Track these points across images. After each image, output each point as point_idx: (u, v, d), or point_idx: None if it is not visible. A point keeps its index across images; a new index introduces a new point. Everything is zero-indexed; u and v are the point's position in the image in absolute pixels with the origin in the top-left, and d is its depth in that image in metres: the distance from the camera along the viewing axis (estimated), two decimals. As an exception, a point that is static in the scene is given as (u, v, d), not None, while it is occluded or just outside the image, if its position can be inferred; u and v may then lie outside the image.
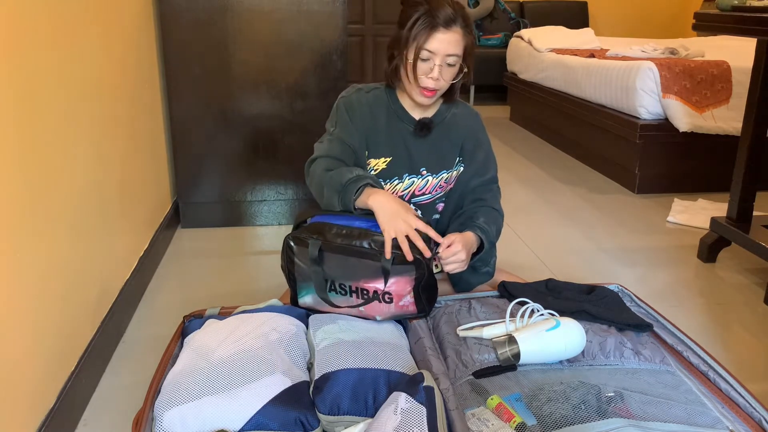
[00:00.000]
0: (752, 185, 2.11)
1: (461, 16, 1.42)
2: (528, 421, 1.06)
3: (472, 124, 1.62)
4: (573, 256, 2.27)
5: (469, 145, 1.61)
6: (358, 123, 1.54)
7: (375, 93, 1.57)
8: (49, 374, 1.25)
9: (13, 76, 1.14)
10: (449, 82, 1.47)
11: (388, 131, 1.55)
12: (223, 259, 2.22)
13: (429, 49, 1.41)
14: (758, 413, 1.08)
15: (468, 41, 1.45)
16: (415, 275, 1.31)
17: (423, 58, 1.42)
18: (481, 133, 1.64)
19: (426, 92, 1.46)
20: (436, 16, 1.39)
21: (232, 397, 1.09)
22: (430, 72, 1.43)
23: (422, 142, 1.56)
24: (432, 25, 1.40)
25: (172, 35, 2.28)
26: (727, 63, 3.01)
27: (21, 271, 1.14)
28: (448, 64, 1.43)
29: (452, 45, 1.41)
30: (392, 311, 1.36)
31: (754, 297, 1.97)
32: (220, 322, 1.33)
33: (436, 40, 1.40)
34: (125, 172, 1.84)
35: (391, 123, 1.55)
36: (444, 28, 1.40)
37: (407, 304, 1.35)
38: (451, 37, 1.41)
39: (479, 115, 1.67)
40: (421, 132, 1.55)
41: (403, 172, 1.57)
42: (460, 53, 1.43)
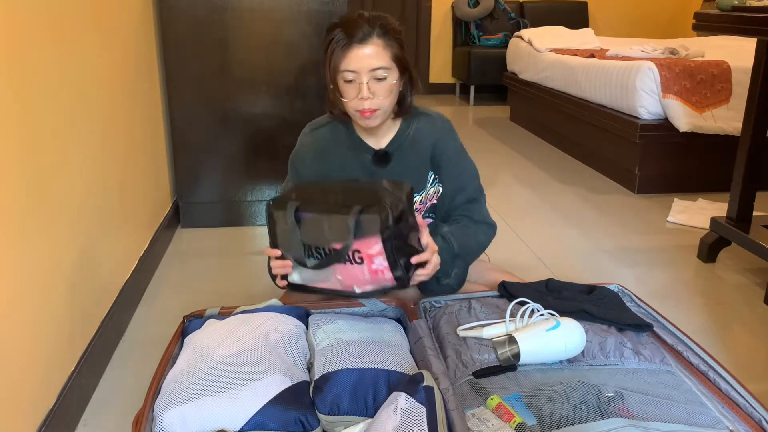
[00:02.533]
0: (752, 185, 2.11)
1: (379, 26, 1.33)
2: (528, 421, 1.06)
3: (436, 136, 1.53)
4: (573, 256, 2.27)
5: (438, 159, 1.53)
6: (306, 174, 1.50)
7: (329, 128, 1.51)
8: (49, 374, 1.25)
9: (13, 76, 1.14)
10: (387, 98, 1.37)
11: (345, 167, 1.49)
12: (223, 259, 2.22)
13: (349, 69, 1.33)
14: (758, 413, 1.08)
15: (393, 50, 1.35)
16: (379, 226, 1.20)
17: (347, 79, 1.34)
18: (449, 143, 1.54)
19: (364, 114, 1.36)
20: (349, 35, 1.31)
21: (232, 397, 1.09)
22: (359, 92, 1.34)
23: (386, 169, 1.50)
24: (346, 44, 1.32)
25: (172, 35, 2.28)
26: (727, 63, 3.01)
27: (21, 272, 1.14)
28: (376, 79, 1.34)
29: (373, 58, 1.32)
30: (367, 277, 1.27)
31: (754, 297, 1.97)
32: (220, 322, 1.33)
33: (353, 58, 1.32)
34: (125, 172, 1.84)
35: (350, 156, 1.49)
36: (359, 44, 1.31)
37: (381, 268, 1.24)
38: (370, 50, 1.32)
39: (447, 122, 1.57)
40: (380, 164, 1.49)
41: None
42: (387, 64, 1.34)
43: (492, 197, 2.93)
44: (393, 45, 1.35)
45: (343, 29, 1.32)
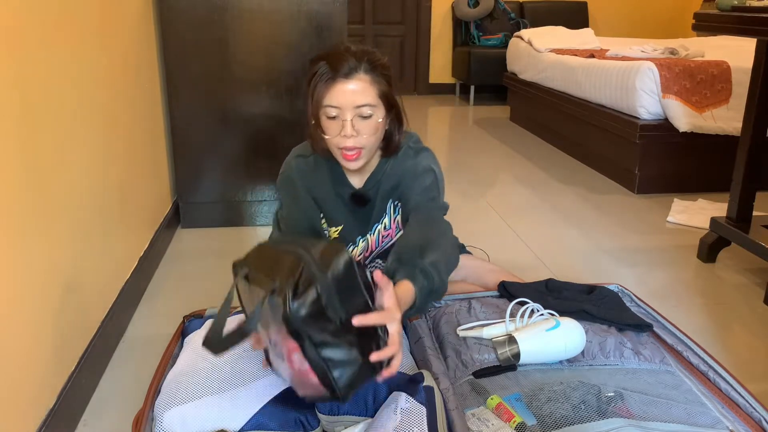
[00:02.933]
0: (752, 185, 2.11)
1: (366, 60, 1.26)
2: (528, 421, 1.06)
3: (410, 166, 1.41)
4: (573, 256, 2.27)
5: (404, 183, 1.41)
6: (303, 198, 1.43)
7: (314, 158, 1.44)
8: (49, 374, 1.25)
9: (13, 76, 1.14)
10: (372, 136, 1.29)
11: (333, 198, 1.45)
12: (223, 259, 2.22)
13: (332, 105, 1.25)
14: (758, 413, 1.08)
15: (380, 87, 1.27)
16: (281, 314, 0.89)
17: (329, 115, 1.27)
18: (420, 168, 1.41)
19: (346, 154, 1.29)
20: (334, 69, 1.24)
21: (232, 397, 1.09)
22: (342, 129, 1.26)
23: (365, 207, 1.47)
24: (330, 78, 1.24)
25: (172, 35, 2.28)
26: (727, 63, 3.01)
27: (21, 271, 1.14)
28: (361, 117, 1.26)
29: (358, 94, 1.25)
30: (295, 379, 0.99)
31: (754, 297, 1.97)
32: (220, 322, 1.33)
33: (338, 93, 1.24)
34: (125, 172, 1.84)
35: (335, 189, 1.44)
36: (344, 78, 1.24)
37: (304, 369, 0.93)
38: (356, 86, 1.24)
39: (425, 151, 1.43)
40: (357, 206, 1.44)
41: (355, 236, 1.50)
42: (373, 101, 1.26)
43: (492, 197, 2.94)
44: (380, 81, 1.28)
45: (328, 62, 1.25)
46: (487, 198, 2.93)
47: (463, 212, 2.72)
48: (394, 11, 5.94)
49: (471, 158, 3.72)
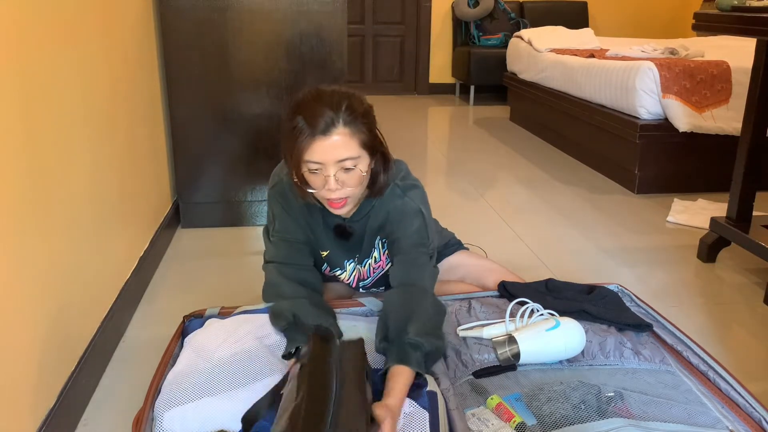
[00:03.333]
0: (752, 185, 2.11)
1: (345, 110, 1.19)
2: (528, 420, 1.06)
3: (398, 206, 1.37)
4: (573, 256, 2.27)
5: (392, 220, 1.38)
6: (297, 214, 1.40)
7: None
8: (49, 374, 1.25)
9: (13, 76, 1.14)
10: (359, 186, 1.26)
11: (321, 224, 1.42)
12: (223, 259, 2.22)
13: (313, 161, 1.20)
14: (758, 413, 1.08)
15: (362, 137, 1.21)
16: None
17: (311, 170, 1.22)
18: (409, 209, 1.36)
19: (333, 205, 1.26)
20: (311, 125, 1.18)
21: (233, 398, 1.09)
22: (326, 184, 1.22)
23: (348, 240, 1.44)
24: (309, 134, 1.18)
25: (172, 35, 2.28)
26: (727, 63, 3.01)
27: (21, 271, 1.14)
28: (344, 169, 1.21)
29: (339, 149, 1.19)
30: None
31: (754, 297, 1.97)
32: (220, 322, 1.33)
33: (318, 150, 1.19)
34: (125, 172, 1.84)
35: (318, 217, 1.42)
36: (323, 135, 1.18)
37: None
38: (335, 142, 1.18)
39: (412, 189, 1.38)
40: (341, 238, 1.43)
41: (342, 260, 1.49)
42: (355, 154, 1.21)
43: (492, 197, 2.94)
44: (361, 131, 1.22)
45: (305, 118, 1.19)
46: (486, 198, 2.93)
47: (463, 212, 2.72)
48: (394, 11, 5.94)
49: (471, 158, 3.72)
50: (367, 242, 1.45)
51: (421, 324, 1.21)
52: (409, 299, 1.27)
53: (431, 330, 1.22)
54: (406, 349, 1.16)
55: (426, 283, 1.32)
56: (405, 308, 1.25)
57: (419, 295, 1.28)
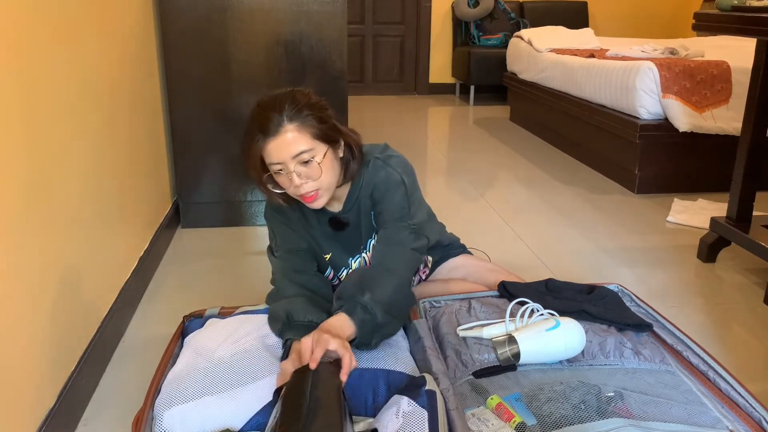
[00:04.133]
0: (752, 185, 2.11)
1: (288, 106, 1.25)
2: (528, 420, 1.06)
3: (381, 179, 1.40)
4: (573, 256, 2.27)
5: (377, 194, 1.42)
6: (295, 224, 1.44)
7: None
8: (49, 374, 1.25)
9: (14, 75, 1.14)
10: (326, 175, 1.29)
11: (318, 227, 1.46)
12: (223, 259, 2.22)
13: (273, 162, 1.26)
14: (758, 413, 1.08)
15: (311, 129, 1.26)
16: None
17: (275, 171, 1.28)
18: (392, 181, 1.40)
19: (307, 200, 1.30)
20: (263, 131, 1.24)
21: (233, 398, 1.09)
22: (291, 182, 1.27)
23: (346, 230, 1.47)
24: (262, 139, 1.25)
25: (172, 35, 2.28)
26: (727, 63, 3.01)
27: (21, 271, 1.14)
28: (302, 163, 1.26)
29: (291, 146, 1.24)
30: None
31: (754, 297, 1.97)
32: (220, 322, 1.33)
33: (272, 151, 1.25)
34: (125, 172, 1.84)
35: (318, 219, 1.46)
36: (273, 137, 1.24)
37: None
38: (285, 139, 1.24)
39: (394, 158, 1.43)
40: (337, 230, 1.46)
41: (346, 259, 1.50)
42: (307, 146, 1.25)
43: (492, 197, 2.94)
44: (310, 124, 1.26)
45: (258, 128, 1.26)
46: (487, 198, 2.93)
47: (463, 212, 2.72)
48: (394, 11, 5.94)
49: (471, 158, 3.72)
50: (365, 228, 1.46)
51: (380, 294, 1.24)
52: (372, 276, 1.30)
53: (387, 305, 1.24)
54: (355, 308, 1.21)
55: (398, 265, 1.33)
56: (364, 280, 1.28)
57: (384, 275, 1.30)
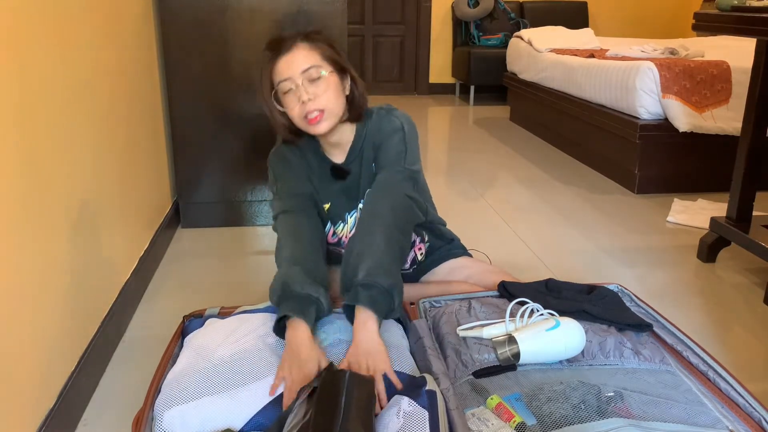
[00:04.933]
0: (752, 185, 2.11)
1: (301, 35, 1.35)
2: (528, 420, 1.06)
3: (380, 138, 1.46)
4: (573, 256, 2.27)
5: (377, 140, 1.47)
6: (298, 170, 1.48)
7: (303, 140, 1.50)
8: (49, 374, 1.25)
9: (14, 75, 1.14)
10: (327, 94, 1.34)
11: (320, 176, 1.50)
12: (223, 259, 2.22)
13: (282, 78, 1.32)
14: (758, 413, 1.08)
15: (322, 50, 1.35)
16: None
17: (284, 90, 1.34)
18: (389, 142, 1.45)
19: (311, 120, 1.34)
20: (275, 50, 1.34)
21: (233, 397, 1.09)
22: (299, 97, 1.32)
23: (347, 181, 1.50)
24: (272, 57, 1.34)
25: (172, 35, 2.28)
26: (727, 63, 3.01)
27: (21, 271, 1.14)
28: (311, 80, 1.33)
29: (300, 60, 1.32)
30: None
31: (754, 297, 1.97)
32: (220, 322, 1.33)
33: (282, 66, 1.32)
34: (125, 172, 1.84)
35: (320, 167, 1.50)
36: (285, 52, 1.33)
37: None
38: (296, 54, 1.32)
39: (397, 120, 1.48)
40: (338, 179, 1.49)
41: (344, 213, 1.53)
42: (318, 62, 1.33)
43: (492, 197, 2.94)
44: (321, 46, 1.35)
45: (269, 48, 1.35)
46: (487, 198, 2.93)
47: (463, 212, 2.72)
48: (394, 11, 5.94)
49: (471, 158, 3.72)
50: (366, 180, 1.48)
51: (371, 261, 1.26)
52: (362, 236, 1.31)
53: (384, 264, 1.26)
54: (357, 292, 1.23)
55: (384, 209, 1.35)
56: (352, 256, 1.30)
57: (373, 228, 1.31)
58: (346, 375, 1.05)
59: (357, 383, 1.05)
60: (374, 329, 1.21)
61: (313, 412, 0.96)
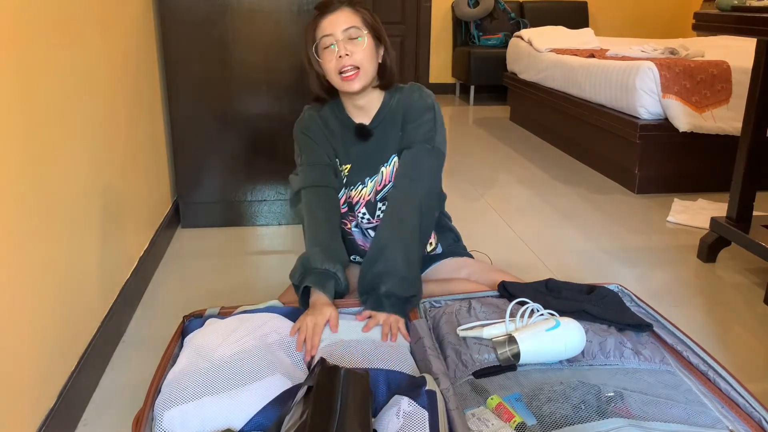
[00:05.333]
0: (752, 185, 2.11)
1: (348, 1, 1.47)
2: (528, 420, 1.06)
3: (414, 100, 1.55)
4: (573, 256, 2.27)
5: (409, 112, 1.55)
6: (319, 138, 1.56)
7: (326, 107, 1.59)
8: (49, 374, 1.25)
9: (14, 76, 1.14)
10: (363, 53, 1.45)
11: (342, 140, 1.57)
12: (223, 259, 2.22)
13: (325, 34, 1.44)
14: (758, 413, 1.08)
15: (363, 15, 1.47)
16: None
17: (324, 46, 1.45)
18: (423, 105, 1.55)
19: (345, 77, 1.44)
20: (321, 9, 1.47)
21: (233, 398, 1.09)
22: (338, 53, 1.44)
23: (371, 142, 1.56)
24: (317, 15, 1.47)
25: (172, 35, 2.28)
26: (727, 63, 3.01)
27: (21, 271, 1.14)
28: (350, 39, 1.44)
29: (343, 20, 1.44)
30: None
31: (754, 297, 1.97)
32: (220, 322, 1.33)
33: (326, 24, 1.45)
34: (125, 172, 1.84)
35: (342, 131, 1.57)
36: (330, 12, 1.45)
37: None
38: (340, 15, 1.45)
39: (428, 96, 1.57)
40: (361, 138, 1.55)
41: (364, 176, 1.58)
42: (359, 24, 1.45)
43: (492, 197, 2.94)
44: (363, 12, 1.48)
45: (318, 8, 1.48)
46: (487, 198, 2.93)
47: (463, 212, 2.72)
48: (394, 11, 5.93)
49: (471, 158, 3.72)
50: (390, 144, 1.55)
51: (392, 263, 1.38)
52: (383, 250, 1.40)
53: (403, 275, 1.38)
54: (381, 300, 1.36)
55: (418, 192, 1.47)
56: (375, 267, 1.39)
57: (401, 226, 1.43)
58: (341, 373, 1.05)
59: (352, 381, 1.05)
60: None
61: (309, 412, 0.97)
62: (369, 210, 1.60)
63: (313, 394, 1.02)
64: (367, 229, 1.63)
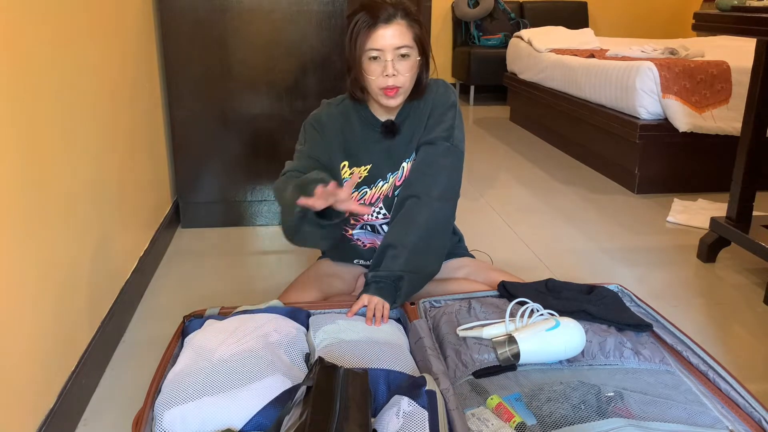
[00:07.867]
0: (752, 185, 2.11)
1: (402, 9, 1.42)
2: (528, 420, 1.06)
3: (438, 96, 1.56)
4: (573, 256, 2.27)
5: (433, 106, 1.55)
6: (330, 137, 1.54)
7: (345, 104, 1.57)
8: (49, 374, 1.25)
9: (14, 76, 1.14)
10: (409, 74, 1.44)
11: (363, 139, 1.55)
12: (223, 259, 2.22)
13: (375, 48, 1.39)
14: (758, 413, 1.08)
15: (415, 31, 1.43)
16: None
17: (372, 57, 1.41)
18: (448, 102, 1.56)
19: (388, 92, 1.43)
20: (374, 16, 1.39)
21: (233, 398, 1.09)
22: (384, 70, 1.40)
23: (395, 139, 1.56)
24: (371, 24, 1.39)
25: (172, 35, 2.28)
26: (727, 63, 3.01)
27: (21, 271, 1.14)
28: (400, 56, 1.41)
29: (397, 37, 1.40)
30: None
31: (754, 297, 1.97)
32: (220, 322, 1.33)
33: (379, 37, 1.39)
34: (125, 172, 1.84)
35: (364, 130, 1.55)
36: (384, 24, 1.39)
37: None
38: (394, 30, 1.40)
39: (451, 93, 1.59)
40: (388, 135, 1.54)
41: (386, 173, 1.57)
42: (410, 43, 1.42)
43: (492, 197, 2.94)
44: (415, 26, 1.44)
45: (368, 12, 1.40)
46: (487, 198, 2.93)
47: (463, 212, 2.72)
48: (394, 11, 5.93)
49: (471, 158, 3.72)
50: (414, 139, 1.55)
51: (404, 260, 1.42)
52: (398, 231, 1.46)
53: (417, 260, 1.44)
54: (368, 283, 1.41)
55: (433, 187, 1.49)
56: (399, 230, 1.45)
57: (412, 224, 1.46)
58: (340, 372, 1.05)
59: (351, 381, 1.05)
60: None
61: (309, 412, 0.97)
62: (386, 205, 1.59)
63: (312, 394, 1.02)
64: (381, 224, 1.62)
